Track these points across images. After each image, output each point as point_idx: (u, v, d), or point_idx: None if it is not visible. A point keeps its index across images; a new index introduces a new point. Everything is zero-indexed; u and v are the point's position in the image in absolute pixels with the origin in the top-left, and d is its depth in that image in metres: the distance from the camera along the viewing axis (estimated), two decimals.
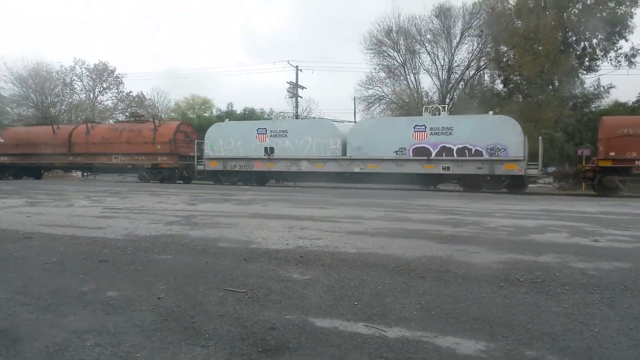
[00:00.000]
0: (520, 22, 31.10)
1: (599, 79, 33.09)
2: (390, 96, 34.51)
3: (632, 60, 32.76)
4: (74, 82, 46.83)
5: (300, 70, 39.67)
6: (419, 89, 33.56)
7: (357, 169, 20.16)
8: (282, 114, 44.34)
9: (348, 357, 2.25)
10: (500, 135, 18.25)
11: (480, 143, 18.38)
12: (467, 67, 32.31)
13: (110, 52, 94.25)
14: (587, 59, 33.37)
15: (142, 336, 2.50)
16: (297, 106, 40.39)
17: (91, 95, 48.16)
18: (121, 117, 45.67)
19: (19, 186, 18.08)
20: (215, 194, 13.97)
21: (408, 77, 33.39)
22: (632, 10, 31.73)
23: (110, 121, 41.95)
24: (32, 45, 77.73)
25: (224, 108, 46.75)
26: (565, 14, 32.62)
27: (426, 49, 32.61)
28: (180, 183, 23.95)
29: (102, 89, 48.29)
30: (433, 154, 19.01)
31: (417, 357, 2.25)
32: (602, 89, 33.12)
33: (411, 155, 19.34)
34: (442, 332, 2.56)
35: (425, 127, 19.34)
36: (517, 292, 3.29)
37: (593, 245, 5.20)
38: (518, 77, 31.66)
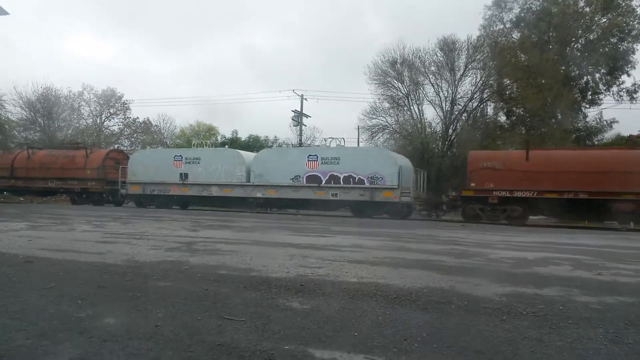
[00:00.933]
0: (523, 55, 31.48)
1: (601, 112, 33.31)
2: (393, 126, 34.73)
3: (633, 95, 33.04)
4: (82, 107, 47.36)
5: (306, 99, 40.11)
6: (422, 120, 33.77)
7: (259, 194, 22.19)
8: (285, 141, 44.61)
9: None
10: (379, 165, 20.44)
11: (363, 172, 20.51)
12: (471, 99, 32.56)
13: (118, 78, 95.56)
14: (589, 93, 33.64)
15: None
16: (301, 134, 40.67)
17: (98, 121, 48.60)
18: (127, 143, 46.00)
19: (22, 210, 18.10)
20: (217, 221, 13.95)
21: (412, 107, 33.63)
22: (634, 46, 32.16)
23: (116, 146, 42.30)
24: (41, 71, 79.12)
25: (228, 135, 47.10)
26: (568, 49, 33.07)
27: (430, 81, 32.93)
28: (111, 205, 26.16)
29: (109, 114, 48.77)
30: (323, 182, 21.06)
31: None
32: (604, 122, 33.31)
33: (305, 183, 21.36)
34: None
35: (317, 157, 21.59)
36: (520, 326, 3.23)
37: (596, 279, 5.14)
38: (521, 110, 31.88)
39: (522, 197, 18.25)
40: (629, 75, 32.76)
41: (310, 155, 21.85)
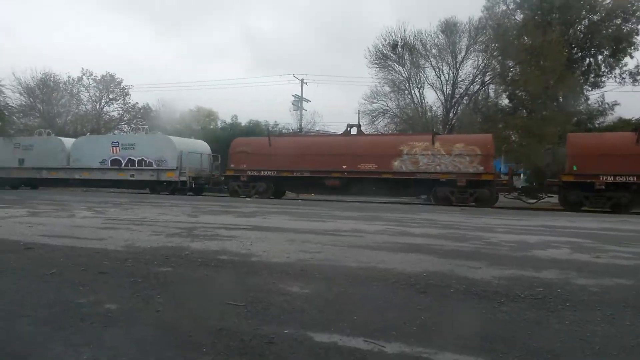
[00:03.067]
0: (526, 37, 31.19)
1: (603, 95, 33.10)
2: (394, 110, 34.57)
3: (636, 77, 32.81)
4: (81, 92, 47.15)
5: (306, 83, 39.91)
6: (423, 104, 33.59)
7: (77, 176, 26.15)
8: (285, 126, 44.41)
9: None
10: (163, 150, 24.25)
11: (152, 156, 24.38)
12: (472, 82, 32.32)
13: (117, 63, 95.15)
14: (592, 75, 33.41)
15: (139, 350, 2.48)
16: (301, 119, 40.52)
17: (97, 106, 48.41)
18: (126, 128, 45.84)
19: (22, 196, 18.14)
20: (217, 206, 13.98)
21: (412, 91, 33.40)
22: (638, 27, 31.84)
23: (116, 132, 42.22)
24: (40, 57, 78.58)
25: (228, 120, 46.90)
26: (571, 30, 32.75)
27: (431, 64, 32.64)
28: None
29: (108, 100, 48.53)
30: (123, 164, 24.89)
31: None
32: (606, 105, 33.13)
33: (109, 166, 25.22)
34: (442, 348, 2.53)
35: (119, 144, 25.75)
36: (518, 309, 3.25)
37: (594, 262, 5.16)
38: (523, 93, 31.69)
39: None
40: (632, 57, 32.48)
41: (113, 142, 26.01)
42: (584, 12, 32.33)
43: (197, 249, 5.52)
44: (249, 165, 22.50)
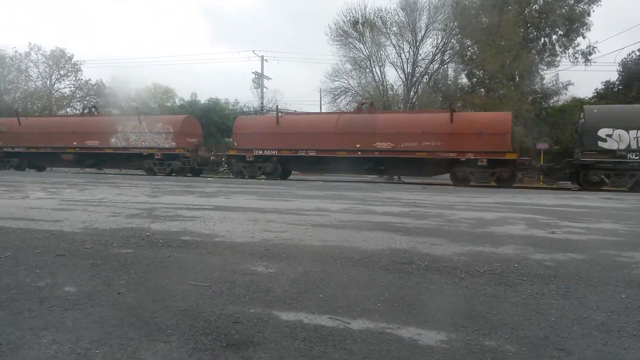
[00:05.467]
0: (483, 17, 31.65)
1: (557, 74, 34.17)
2: (355, 88, 34.63)
3: (588, 57, 33.92)
4: (30, 68, 45.08)
5: (266, 60, 39.47)
6: (385, 82, 33.80)
7: None
8: (246, 104, 43.87)
9: (313, 350, 2.25)
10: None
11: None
12: (432, 61, 32.71)
13: (67, 38, 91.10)
14: (547, 55, 34.33)
15: (102, 332, 2.43)
16: (262, 97, 40.08)
17: (48, 83, 46.41)
18: (79, 106, 44.24)
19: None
20: (178, 186, 13.75)
21: (374, 69, 33.56)
22: (589, 8, 32.78)
23: (68, 110, 40.66)
24: None
25: (187, 98, 45.90)
26: (527, 10, 33.42)
27: (392, 42, 32.83)
28: None
29: (59, 76, 46.58)
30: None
31: (380, 349, 2.27)
32: (560, 84, 34.17)
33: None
34: (405, 323, 2.59)
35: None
36: (477, 283, 3.36)
37: (550, 237, 5.37)
38: (481, 72, 32.27)
39: None
40: (584, 38, 33.57)
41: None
42: None
43: (159, 229, 5.42)
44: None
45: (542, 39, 34.49)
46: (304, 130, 21.75)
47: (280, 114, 23.07)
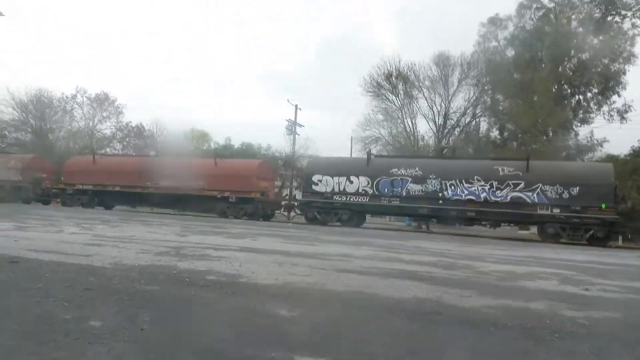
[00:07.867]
0: (516, 74, 31.79)
1: (592, 131, 33.67)
2: (386, 138, 34.89)
3: (623, 115, 33.44)
4: (74, 110, 47.14)
5: (300, 109, 40.11)
6: (415, 133, 33.98)
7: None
8: (278, 150, 44.56)
9: None
10: None
11: None
12: (464, 114, 32.85)
13: (111, 83, 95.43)
14: (581, 112, 34.01)
15: None
16: (294, 143, 40.67)
17: (90, 124, 48.36)
18: (119, 146, 45.80)
19: (10, 210, 17.92)
20: (208, 227, 13.89)
21: (405, 120, 33.88)
22: (625, 67, 32.57)
23: (107, 150, 42.11)
24: (34, 73, 78.67)
25: (222, 142, 47.03)
26: (560, 68, 33.44)
27: (424, 95, 33.25)
28: None
29: (101, 117, 48.56)
30: None
31: None
32: (595, 141, 33.63)
33: None
34: None
35: None
36: (508, 338, 3.24)
37: (583, 294, 5.17)
38: (513, 126, 32.13)
39: None
40: (619, 96, 33.18)
41: None
42: (572, 51, 33.08)
43: (185, 268, 5.46)
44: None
45: (577, 96, 34.30)
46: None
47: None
